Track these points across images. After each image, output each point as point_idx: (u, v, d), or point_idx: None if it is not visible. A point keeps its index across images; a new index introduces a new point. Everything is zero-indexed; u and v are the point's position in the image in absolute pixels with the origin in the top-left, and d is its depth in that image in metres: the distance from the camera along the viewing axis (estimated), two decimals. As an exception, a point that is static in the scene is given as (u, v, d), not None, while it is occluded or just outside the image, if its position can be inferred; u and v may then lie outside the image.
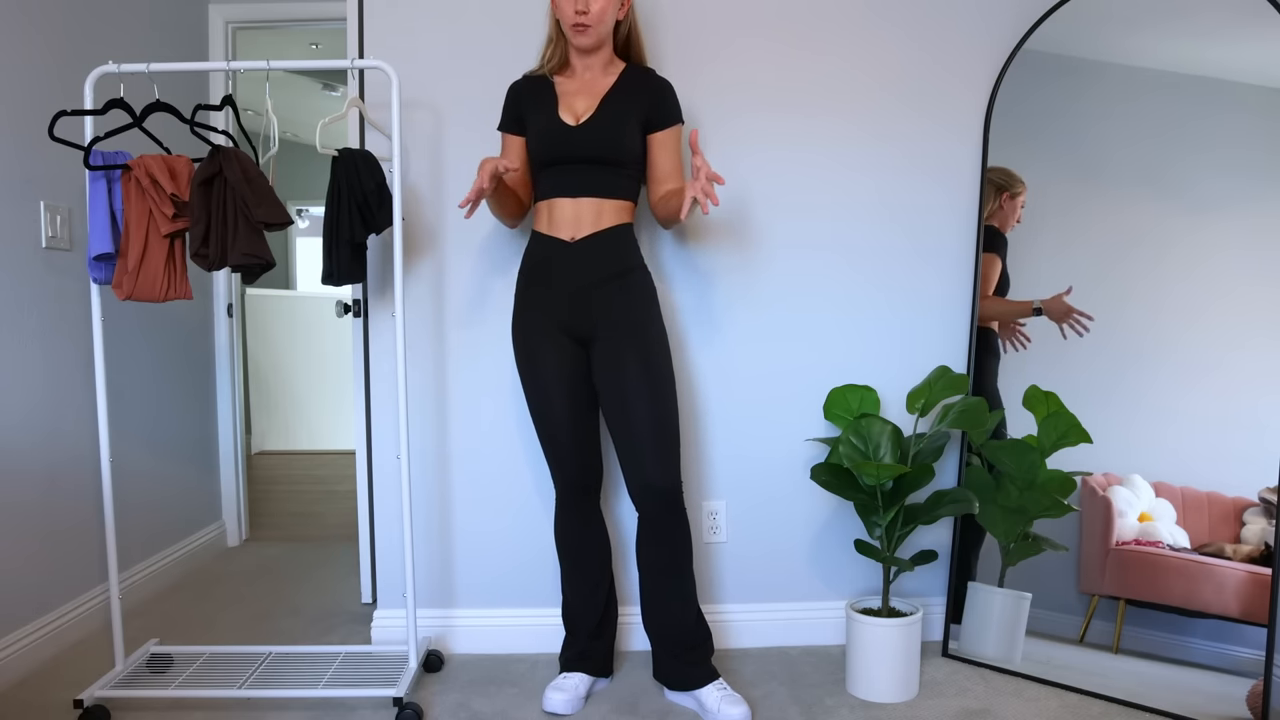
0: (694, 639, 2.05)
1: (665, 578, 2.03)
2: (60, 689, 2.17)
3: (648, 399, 1.95)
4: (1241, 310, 1.98)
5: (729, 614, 2.43)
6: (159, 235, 1.96)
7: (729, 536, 2.43)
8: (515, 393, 2.38)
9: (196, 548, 3.23)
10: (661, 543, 2.01)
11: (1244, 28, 1.99)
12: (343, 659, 2.25)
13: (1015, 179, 2.21)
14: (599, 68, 2.05)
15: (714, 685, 2.01)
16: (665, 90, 2.05)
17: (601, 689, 2.17)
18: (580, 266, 1.99)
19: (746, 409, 2.41)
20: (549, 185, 2.02)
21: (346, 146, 2.11)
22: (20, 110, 2.30)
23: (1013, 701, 2.08)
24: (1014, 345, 2.22)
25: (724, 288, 2.38)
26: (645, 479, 1.97)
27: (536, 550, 2.41)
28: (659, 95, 2.03)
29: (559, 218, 2.01)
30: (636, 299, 2.00)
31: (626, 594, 2.43)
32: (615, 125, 1.98)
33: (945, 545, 2.46)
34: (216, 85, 3.32)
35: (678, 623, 2.04)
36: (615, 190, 2.00)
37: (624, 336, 1.97)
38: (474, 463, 2.39)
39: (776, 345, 2.40)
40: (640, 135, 2.02)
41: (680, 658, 2.04)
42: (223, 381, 3.44)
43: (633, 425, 1.96)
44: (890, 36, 2.37)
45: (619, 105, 2.00)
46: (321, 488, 4.74)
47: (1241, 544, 1.95)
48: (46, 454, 2.38)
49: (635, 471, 1.98)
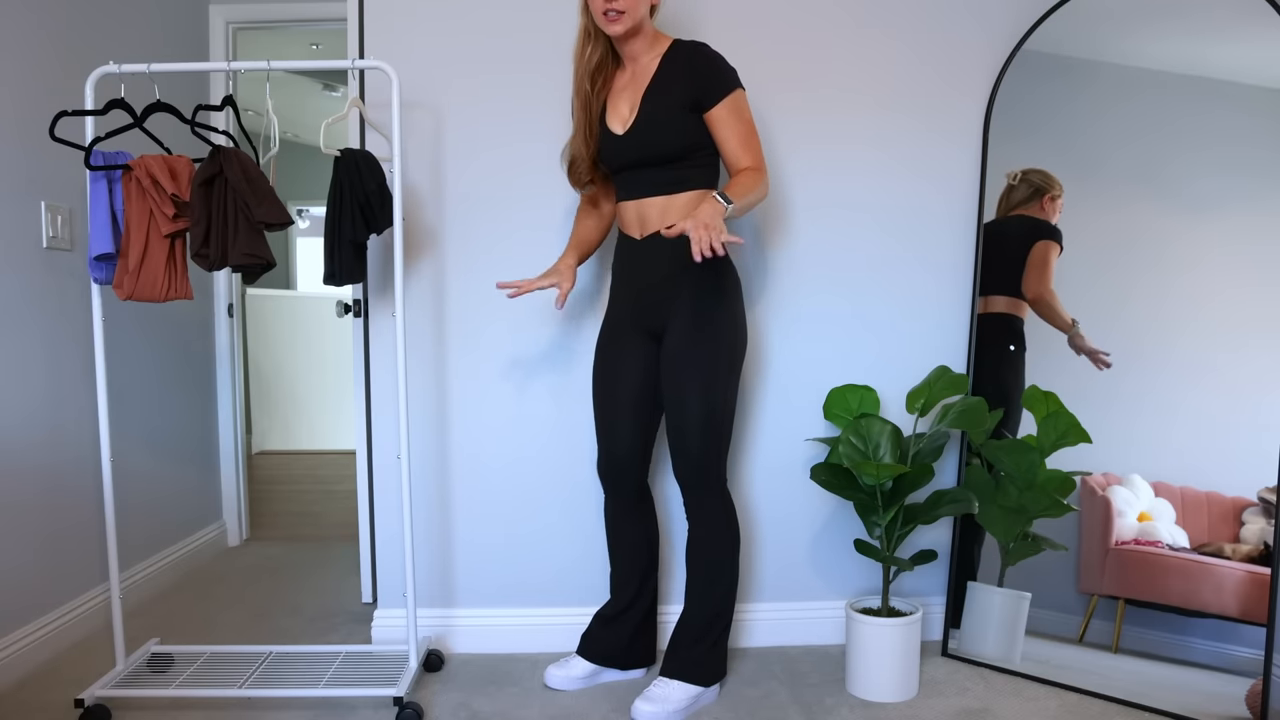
0: (693, 634, 2.06)
1: (691, 566, 2.06)
2: (61, 688, 2.17)
3: (688, 393, 1.96)
4: (1240, 310, 1.99)
5: (729, 614, 2.44)
6: (159, 235, 1.96)
7: (729, 536, 2.44)
8: (516, 392, 2.38)
9: (197, 547, 3.23)
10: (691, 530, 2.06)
11: (1242, 27, 1.99)
12: (343, 659, 2.25)
13: (1054, 181, 2.15)
14: (642, 52, 1.97)
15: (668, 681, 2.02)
16: (707, 63, 1.90)
17: (614, 679, 2.19)
18: (648, 263, 2.00)
19: (746, 409, 2.41)
20: (618, 187, 2.06)
21: (348, 147, 2.12)
22: (21, 110, 2.30)
23: (1012, 701, 2.08)
24: (1095, 364, 2.16)
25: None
26: (675, 472, 2.03)
27: (537, 550, 2.42)
28: (702, 71, 1.90)
29: (627, 218, 2.03)
30: (702, 294, 1.96)
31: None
32: (659, 127, 1.92)
33: (945, 545, 2.47)
34: (217, 85, 3.33)
35: (689, 611, 2.06)
36: (682, 184, 1.95)
37: (683, 333, 1.96)
38: (474, 462, 2.39)
39: (776, 345, 2.40)
40: (694, 122, 1.91)
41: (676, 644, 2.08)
42: (223, 381, 3.45)
43: (670, 419, 2.00)
44: (890, 38, 2.37)
45: (661, 99, 1.92)
46: (322, 488, 4.74)
47: (1241, 544, 1.95)
48: (47, 454, 2.38)
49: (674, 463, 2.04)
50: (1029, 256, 2.26)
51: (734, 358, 1.99)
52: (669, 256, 1.98)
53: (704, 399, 1.95)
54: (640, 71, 1.98)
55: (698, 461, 1.98)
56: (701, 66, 1.90)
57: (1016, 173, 2.20)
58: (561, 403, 2.38)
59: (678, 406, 1.97)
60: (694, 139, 1.93)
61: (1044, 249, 2.21)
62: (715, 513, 2.02)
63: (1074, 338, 2.14)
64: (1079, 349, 2.15)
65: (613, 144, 1.99)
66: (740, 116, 1.91)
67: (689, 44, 1.95)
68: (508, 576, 2.42)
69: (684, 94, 1.90)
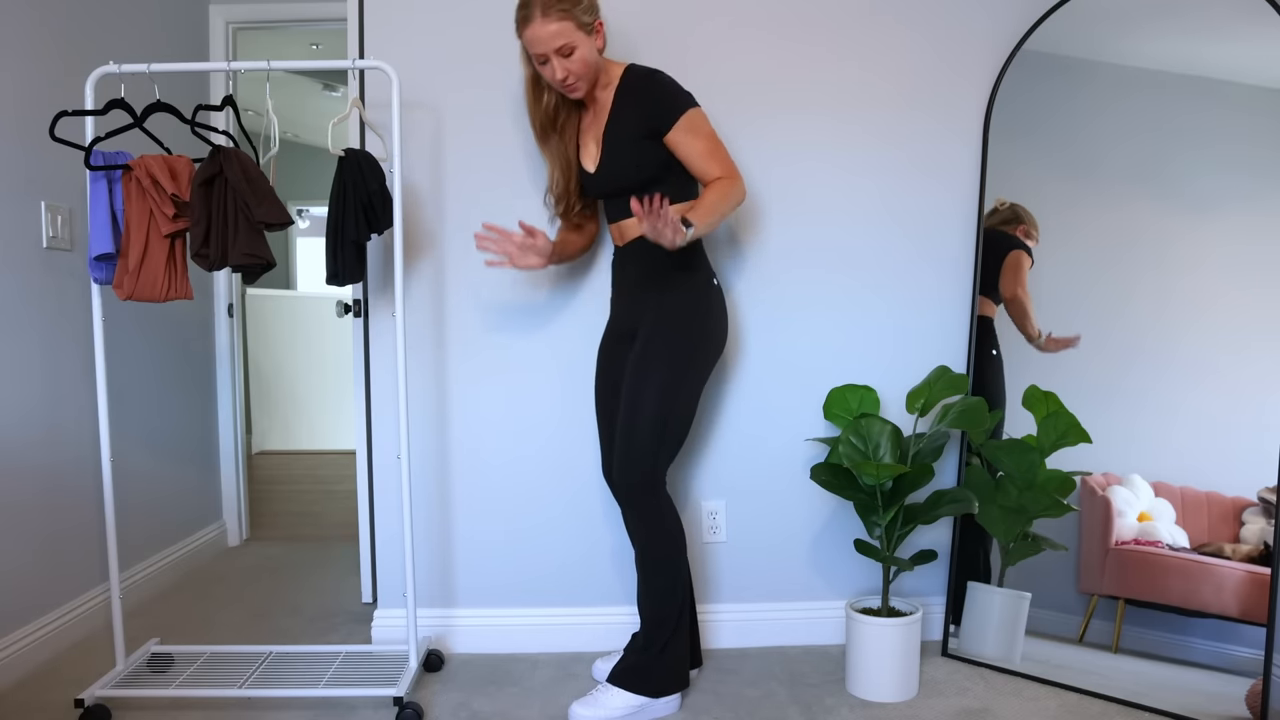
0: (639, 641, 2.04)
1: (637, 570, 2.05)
2: (61, 688, 2.17)
3: (638, 394, 1.95)
4: (1240, 309, 1.98)
5: (728, 614, 2.43)
6: (160, 235, 1.96)
7: (728, 536, 2.44)
8: (516, 392, 2.38)
9: (197, 547, 3.23)
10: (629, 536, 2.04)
11: (1241, 26, 1.99)
12: (343, 659, 2.25)
13: (1034, 223, 2.25)
14: (599, 89, 2.01)
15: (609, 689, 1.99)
16: (658, 90, 1.93)
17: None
18: (627, 269, 2.07)
19: (746, 408, 2.41)
20: (604, 210, 2.15)
21: (349, 147, 2.12)
22: (21, 110, 2.30)
23: (1012, 701, 2.08)
24: (1066, 347, 2.21)
25: (723, 287, 2.38)
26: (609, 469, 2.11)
27: (537, 549, 2.42)
28: (653, 99, 1.93)
29: (612, 233, 2.11)
30: (670, 298, 1.98)
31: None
32: (624, 162, 1.97)
33: (945, 545, 2.47)
34: (217, 85, 3.33)
35: (642, 616, 2.03)
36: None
37: (647, 340, 1.98)
38: (474, 462, 2.39)
39: (776, 345, 2.40)
40: (656, 148, 1.95)
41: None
42: (223, 381, 3.45)
43: (619, 415, 2.00)
44: (890, 37, 2.37)
45: (621, 133, 1.97)
46: (322, 488, 4.74)
47: (1240, 544, 1.95)
48: (47, 453, 2.38)
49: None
50: (1004, 262, 2.32)
51: (697, 361, 1.98)
52: (644, 264, 2.02)
53: (655, 400, 1.93)
54: (599, 108, 2.04)
55: (631, 457, 1.94)
56: (652, 96, 1.93)
57: (1007, 201, 2.27)
58: (561, 402, 2.38)
59: (626, 406, 1.97)
60: (660, 165, 1.97)
61: (1017, 256, 2.30)
62: (651, 511, 1.96)
63: (1042, 346, 2.23)
64: (1047, 349, 2.21)
65: (589, 180, 2.07)
66: (699, 133, 1.92)
67: (639, 74, 1.97)
68: (508, 576, 2.42)
69: (641, 125, 1.95)
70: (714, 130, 1.96)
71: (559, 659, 2.35)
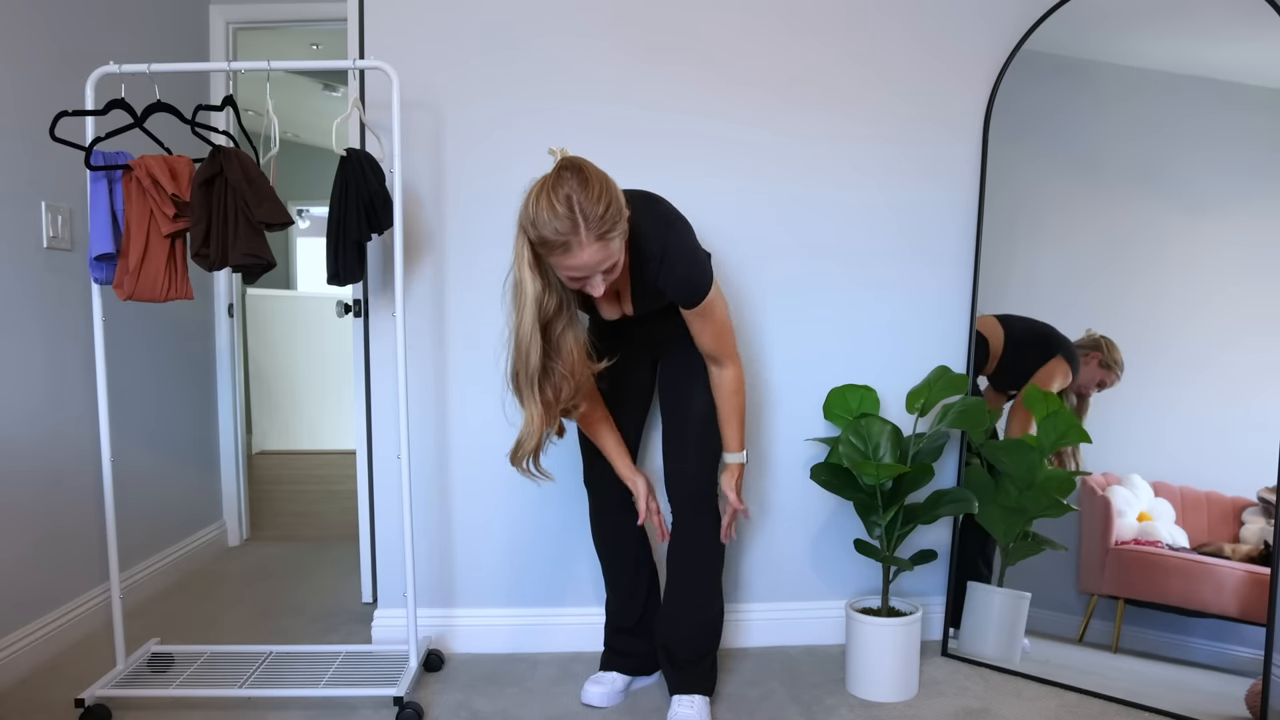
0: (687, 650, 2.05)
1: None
2: (61, 688, 2.17)
3: (685, 405, 2.03)
4: (1239, 309, 1.99)
5: (729, 613, 2.43)
6: (160, 235, 1.96)
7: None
8: (515, 392, 2.38)
9: (197, 547, 3.23)
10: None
11: (1241, 27, 1.99)
12: (343, 658, 2.26)
13: (1111, 358, 2.15)
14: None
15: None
16: (680, 280, 1.80)
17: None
18: (634, 333, 2.05)
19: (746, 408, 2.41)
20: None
21: (351, 147, 2.12)
22: (21, 110, 2.30)
23: (1012, 701, 2.08)
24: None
25: (722, 287, 2.38)
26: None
27: (537, 549, 2.42)
28: (673, 284, 1.81)
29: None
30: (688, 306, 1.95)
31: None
32: (659, 300, 1.89)
33: (945, 545, 2.47)
34: (217, 85, 3.33)
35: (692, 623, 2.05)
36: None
37: (681, 349, 2.03)
38: (474, 462, 2.39)
39: (775, 345, 2.40)
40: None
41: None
42: (223, 381, 3.45)
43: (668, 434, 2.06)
44: (890, 36, 2.37)
45: (648, 286, 1.86)
46: (322, 487, 4.74)
47: (1240, 543, 1.96)
48: (47, 453, 2.38)
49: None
50: (1047, 363, 2.28)
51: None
52: (654, 319, 1.98)
53: (706, 401, 2.00)
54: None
55: (707, 460, 2.01)
56: (675, 279, 1.80)
57: (1097, 333, 2.15)
58: (561, 403, 2.38)
59: (688, 412, 2.00)
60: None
61: (1056, 364, 2.24)
62: (717, 513, 2.04)
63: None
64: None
65: (627, 321, 1.98)
66: (711, 318, 1.87)
67: (656, 252, 1.78)
68: (508, 576, 2.42)
69: (665, 297, 1.87)
70: (725, 307, 1.91)
71: (559, 659, 2.35)
